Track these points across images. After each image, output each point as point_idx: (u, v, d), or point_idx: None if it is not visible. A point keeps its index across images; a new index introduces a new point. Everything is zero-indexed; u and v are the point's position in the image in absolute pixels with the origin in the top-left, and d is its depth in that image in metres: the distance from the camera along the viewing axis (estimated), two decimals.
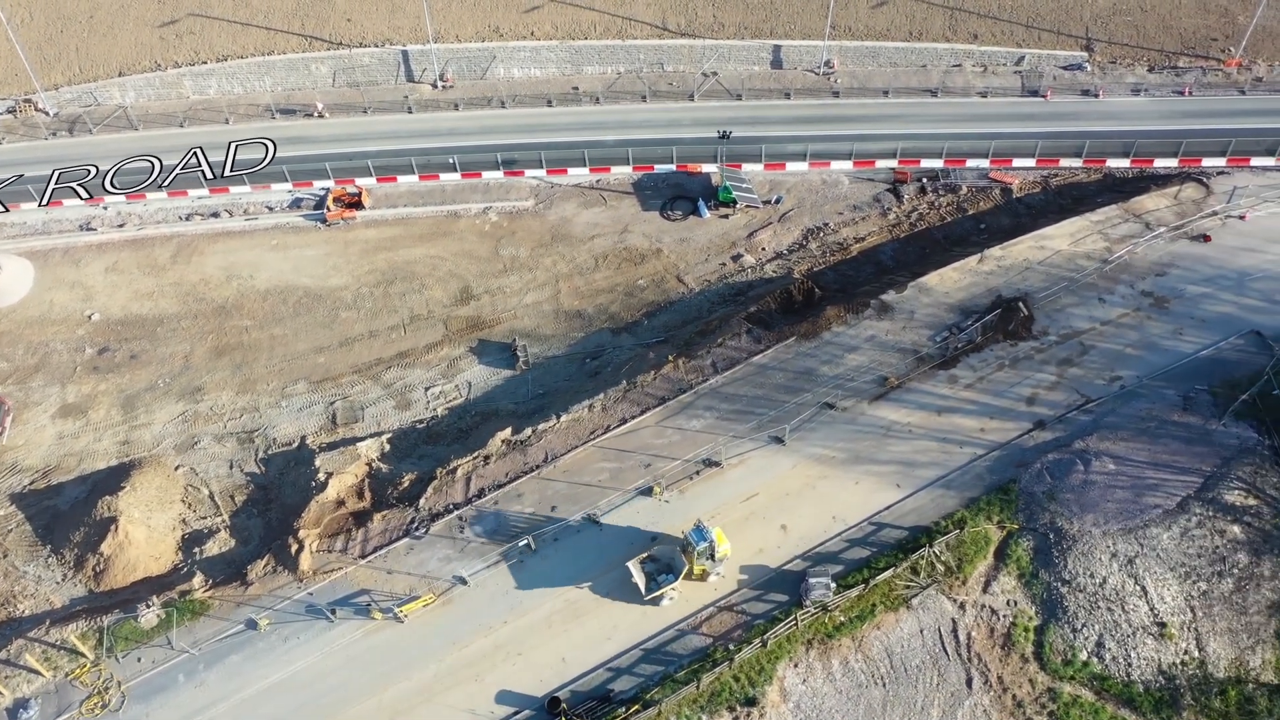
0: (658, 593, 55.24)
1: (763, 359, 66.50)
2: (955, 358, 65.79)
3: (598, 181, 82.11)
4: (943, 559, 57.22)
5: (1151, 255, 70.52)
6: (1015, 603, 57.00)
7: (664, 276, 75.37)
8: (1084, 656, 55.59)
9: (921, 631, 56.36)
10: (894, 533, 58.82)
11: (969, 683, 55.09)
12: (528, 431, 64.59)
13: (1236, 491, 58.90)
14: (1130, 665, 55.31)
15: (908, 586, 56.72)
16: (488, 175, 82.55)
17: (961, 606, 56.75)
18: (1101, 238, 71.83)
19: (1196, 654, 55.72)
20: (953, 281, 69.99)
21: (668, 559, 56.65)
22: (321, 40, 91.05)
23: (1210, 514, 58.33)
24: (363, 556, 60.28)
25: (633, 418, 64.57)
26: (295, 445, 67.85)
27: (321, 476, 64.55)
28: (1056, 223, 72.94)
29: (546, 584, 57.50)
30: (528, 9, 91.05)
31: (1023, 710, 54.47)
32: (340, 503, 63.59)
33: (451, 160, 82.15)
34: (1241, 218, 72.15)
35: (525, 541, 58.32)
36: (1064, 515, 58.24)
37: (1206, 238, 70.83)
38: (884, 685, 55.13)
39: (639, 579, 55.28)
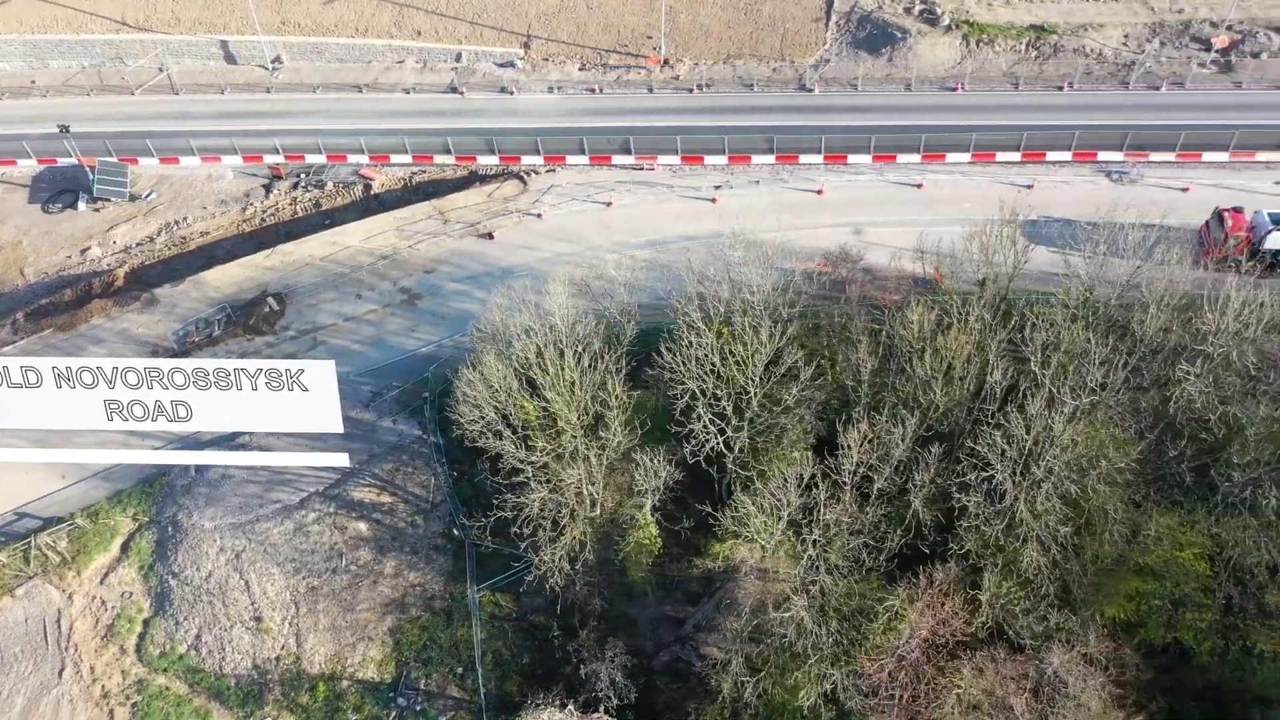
0: None
1: (11, 350, 67.34)
2: (189, 351, 66.27)
3: (2, 175, 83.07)
4: (57, 549, 57.82)
5: (432, 252, 70.60)
6: (131, 595, 57.57)
7: (8, 268, 76.31)
8: (182, 649, 56.15)
9: (26, 620, 57.06)
10: (31, 523, 59.56)
11: (61, 673, 55.79)
12: None
13: (369, 488, 59.07)
14: (224, 659, 55.77)
15: (15, 576, 57.41)
16: None
17: (70, 597, 57.39)
18: (397, 235, 71.96)
19: (295, 649, 56.05)
20: (231, 277, 70.44)
21: None
22: None
23: (333, 510, 58.54)
24: None
25: None
26: None
27: None
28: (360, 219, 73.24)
29: None
30: None
31: (108, 701, 55.13)
32: None
33: None
34: (539, 216, 71.85)
35: None
36: (188, 509, 58.70)
37: (491, 235, 70.62)
38: None
39: None
